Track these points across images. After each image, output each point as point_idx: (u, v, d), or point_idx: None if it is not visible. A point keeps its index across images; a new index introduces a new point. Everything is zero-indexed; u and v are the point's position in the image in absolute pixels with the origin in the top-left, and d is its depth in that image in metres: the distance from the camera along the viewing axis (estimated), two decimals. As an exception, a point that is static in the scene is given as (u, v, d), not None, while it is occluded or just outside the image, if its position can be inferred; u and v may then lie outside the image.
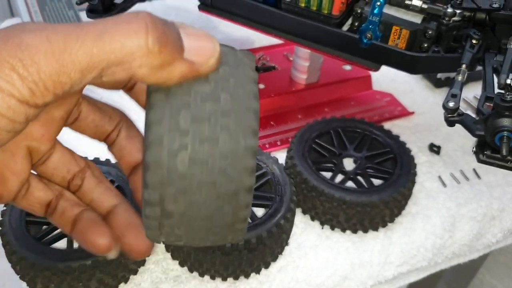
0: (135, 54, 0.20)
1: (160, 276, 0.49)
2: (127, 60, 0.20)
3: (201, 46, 0.22)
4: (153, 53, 0.20)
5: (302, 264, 0.52)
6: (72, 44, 0.19)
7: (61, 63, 0.19)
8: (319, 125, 0.61)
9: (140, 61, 0.20)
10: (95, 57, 0.20)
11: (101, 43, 0.20)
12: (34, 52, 0.19)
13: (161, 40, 0.20)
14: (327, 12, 0.55)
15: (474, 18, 0.52)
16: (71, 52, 0.19)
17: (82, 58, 0.19)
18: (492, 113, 0.42)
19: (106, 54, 0.20)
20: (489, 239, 0.62)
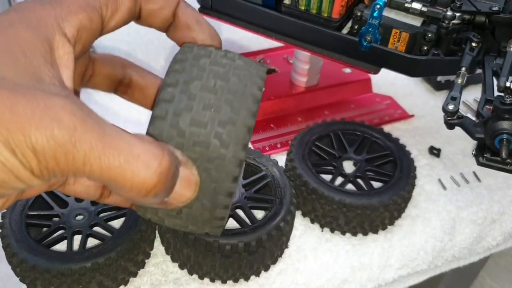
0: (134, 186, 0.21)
1: (159, 278, 0.49)
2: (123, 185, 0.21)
3: (183, 193, 0.24)
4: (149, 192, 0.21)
5: (302, 267, 0.52)
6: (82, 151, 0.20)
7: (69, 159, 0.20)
8: (319, 128, 0.61)
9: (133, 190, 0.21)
10: (103, 172, 0.20)
11: (110, 160, 0.20)
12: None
13: (163, 187, 0.22)
14: (326, 15, 0.55)
15: (473, 21, 0.52)
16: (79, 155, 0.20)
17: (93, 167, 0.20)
18: (491, 116, 0.42)
19: (109, 172, 0.20)
20: (489, 242, 0.62)
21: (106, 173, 0.20)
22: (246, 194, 0.52)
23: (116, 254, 0.45)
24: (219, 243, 0.46)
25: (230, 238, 0.46)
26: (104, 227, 0.49)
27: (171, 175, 0.22)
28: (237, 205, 0.51)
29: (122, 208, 0.50)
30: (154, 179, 0.20)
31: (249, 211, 0.51)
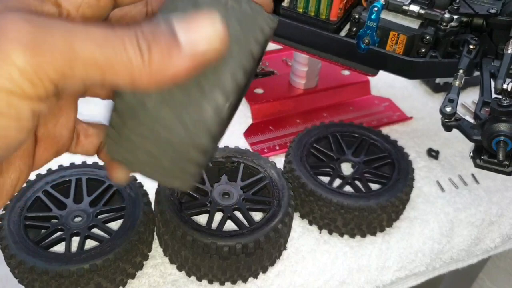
0: (127, 66, 0.19)
1: (158, 280, 0.49)
2: (123, 71, 0.19)
3: (200, 31, 0.20)
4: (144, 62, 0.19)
5: (300, 269, 0.52)
6: (79, 42, 0.18)
7: (68, 56, 0.18)
8: (317, 130, 0.61)
9: (133, 72, 0.19)
10: (99, 62, 0.18)
11: (105, 50, 0.18)
12: (40, 43, 0.17)
13: (149, 45, 0.19)
14: (325, 17, 0.55)
15: (471, 23, 0.52)
16: (78, 50, 0.18)
17: (87, 58, 0.18)
18: (489, 118, 0.42)
19: (107, 62, 0.18)
20: (487, 244, 0.62)
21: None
22: (244, 196, 0.52)
23: (114, 256, 0.45)
24: (217, 244, 0.46)
25: (228, 240, 0.46)
26: (102, 229, 0.49)
27: (148, 27, 0.19)
28: (235, 207, 0.51)
29: (120, 210, 0.50)
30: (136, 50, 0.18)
31: (247, 213, 0.51)
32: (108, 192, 0.52)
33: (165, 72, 0.19)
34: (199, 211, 0.51)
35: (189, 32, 0.19)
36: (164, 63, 0.19)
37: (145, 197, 0.51)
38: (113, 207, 0.51)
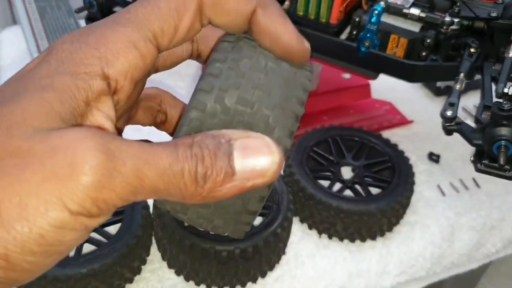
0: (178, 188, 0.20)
1: (156, 285, 0.49)
2: (177, 194, 0.20)
3: (257, 163, 0.20)
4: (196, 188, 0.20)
5: (299, 274, 0.52)
6: (147, 172, 0.19)
7: (135, 188, 0.19)
8: (317, 133, 0.61)
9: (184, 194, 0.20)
10: (159, 189, 0.19)
11: (167, 178, 0.19)
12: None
13: (206, 175, 0.20)
14: (325, 20, 0.55)
15: (472, 27, 0.52)
16: (145, 180, 0.19)
17: (150, 186, 0.19)
18: (490, 122, 0.42)
19: (166, 188, 0.19)
20: (488, 249, 0.61)
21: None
22: (243, 200, 0.52)
23: (112, 260, 0.45)
24: (215, 249, 0.45)
25: (226, 244, 0.46)
26: (100, 233, 0.49)
27: (209, 154, 0.20)
28: (234, 211, 0.51)
29: (118, 214, 0.50)
30: (194, 177, 0.19)
31: (246, 217, 0.50)
32: (106, 196, 0.51)
33: (213, 195, 0.20)
34: (198, 215, 0.51)
35: (247, 164, 0.20)
36: (215, 189, 0.20)
37: (143, 201, 0.51)
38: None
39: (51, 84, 0.19)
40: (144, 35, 0.21)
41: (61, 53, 0.20)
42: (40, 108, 0.18)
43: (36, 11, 0.78)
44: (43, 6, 0.79)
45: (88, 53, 0.20)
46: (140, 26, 0.21)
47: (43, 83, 0.19)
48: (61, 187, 0.17)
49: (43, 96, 0.19)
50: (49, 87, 0.19)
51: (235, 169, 0.20)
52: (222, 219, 0.25)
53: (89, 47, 0.20)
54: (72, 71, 0.20)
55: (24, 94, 0.19)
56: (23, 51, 0.78)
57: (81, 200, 0.18)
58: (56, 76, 0.19)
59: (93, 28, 0.21)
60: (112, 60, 0.20)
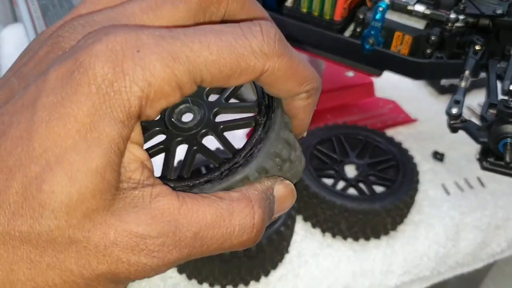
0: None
1: (158, 283, 0.49)
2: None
3: (284, 208, 0.23)
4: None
5: (303, 273, 0.51)
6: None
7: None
8: (321, 132, 0.61)
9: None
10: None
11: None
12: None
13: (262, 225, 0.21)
14: (329, 17, 0.55)
15: (477, 24, 0.52)
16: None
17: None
18: (495, 120, 0.42)
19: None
20: (493, 248, 0.61)
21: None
22: (246, 198, 0.52)
23: (114, 258, 0.45)
24: (218, 247, 0.45)
25: (229, 243, 0.45)
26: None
27: (266, 219, 0.21)
28: (237, 209, 0.50)
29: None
30: (252, 237, 0.20)
31: (249, 215, 0.50)
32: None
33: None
34: (201, 213, 0.51)
35: (278, 211, 0.22)
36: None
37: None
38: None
39: (97, 139, 0.16)
40: (193, 79, 0.18)
41: (101, 84, 0.16)
42: (92, 188, 0.16)
43: (39, 8, 0.78)
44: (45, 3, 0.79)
45: (130, 92, 0.17)
46: (194, 69, 0.18)
47: (88, 136, 0.16)
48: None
49: (91, 166, 0.16)
50: (96, 145, 0.16)
51: (273, 213, 0.22)
52: None
53: (134, 84, 0.17)
54: (116, 116, 0.17)
55: (72, 156, 0.16)
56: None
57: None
58: (100, 125, 0.16)
59: (140, 47, 0.17)
60: (153, 102, 0.17)
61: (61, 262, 0.16)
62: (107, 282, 0.17)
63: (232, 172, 0.21)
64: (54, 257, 0.16)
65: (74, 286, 0.17)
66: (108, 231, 0.16)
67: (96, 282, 0.17)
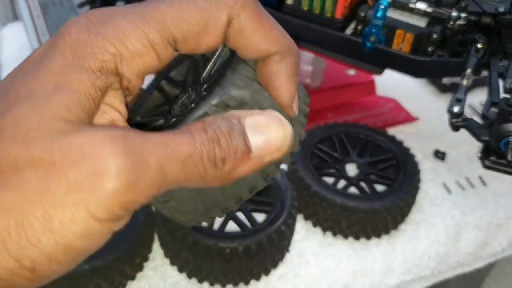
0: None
1: (158, 282, 0.49)
2: (197, 180, 0.20)
3: (271, 137, 0.21)
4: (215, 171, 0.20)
5: (303, 272, 0.51)
6: (169, 166, 0.18)
7: (160, 184, 0.18)
8: (322, 131, 0.60)
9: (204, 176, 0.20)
10: (180, 180, 0.19)
11: (187, 168, 0.19)
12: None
13: (224, 159, 0.20)
14: (330, 15, 0.54)
15: (479, 22, 0.51)
16: (168, 175, 0.18)
17: (173, 180, 0.19)
18: (497, 118, 0.41)
19: (186, 177, 0.19)
20: (494, 247, 0.61)
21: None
22: (246, 197, 0.51)
23: (114, 257, 0.44)
24: (219, 246, 0.45)
25: (230, 242, 0.45)
26: (102, 229, 0.49)
27: (224, 136, 0.20)
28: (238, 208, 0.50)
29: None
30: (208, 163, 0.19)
31: (249, 214, 0.50)
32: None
33: (232, 175, 0.20)
34: (201, 212, 0.51)
35: (261, 139, 0.21)
36: (233, 170, 0.20)
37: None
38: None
39: (68, 83, 0.18)
40: (165, 39, 0.20)
41: (76, 43, 0.19)
42: (57, 111, 0.18)
43: (39, 6, 0.78)
44: (45, 1, 0.79)
45: (103, 48, 0.19)
46: (163, 27, 0.20)
47: (59, 81, 0.18)
48: (87, 197, 0.17)
49: (60, 98, 0.18)
50: (66, 87, 0.18)
51: (251, 147, 0.20)
52: (194, 205, 0.24)
53: (106, 41, 0.19)
54: (88, 67, 0.19)
55: (40, 94, 0.18)
56: (24, 48, 0.78)
57: (108, 207, 0.17)
58: (72, 73, 0.18)
59: (112, 16, 0.19)
60: (128, 60, 0.19)
61: (23, 182, 0.17)
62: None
63: (189, 111, 0.21)
64: (17, 179, 0.17)
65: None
66: (69, 151, 0.17)
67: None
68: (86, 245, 0.18)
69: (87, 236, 0.17)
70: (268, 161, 0.21)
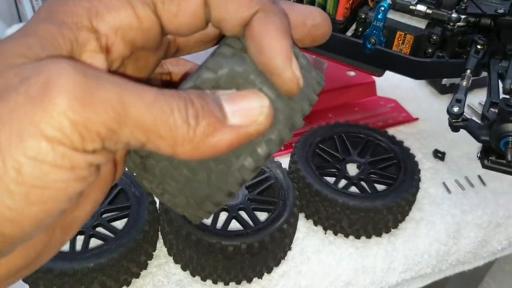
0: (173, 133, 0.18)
1: (162, 280, 0.49)
2: (168, 136, 0.18)
3: (246, 107, 0.20)
4: (191, 129, 0.18)
5: (305, 269, 0.52)
6: (130, 99, 0.17)
7: (118, 112, 0.17)
8: (323, 130, 0.61)
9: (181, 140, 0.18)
10: (146, 122, 0.18)
11: (154, 110, 0.18)
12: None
13: (197, 115, 0.18)
14: (331, 17, 0.55)
15: (479, 23, 0.52)
16: (128, 107, 0.17)
17: (136, 116, 0.17)
18: (497, 119, 0.42)
19: (154, 123, 0.18)
20: (494, 246, 0.61)
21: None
22: (249, 196, 0.52)
23: (118, 255, 0.45)
24: (222, 244, 0.45)
25: (233, 240, 0.46)
26: (107, 228, 0.49)
27: (198, 97, 0.19)
28: (240, 207, 0.51)
29: (125, 209, 0.50)
30: (187, 115, 0.18)
31: (252, 212, 0.51)
32: (113, 191, 0.51)
33: (207, 143, 0.19)
34: (204, 210, 0.51)
35: (236, 108, 0.20)
36: (207, 134, 0.19)
37: (150, 196, 0.51)
38: (118, 206, 0.51)
39: (34, 31, 0.18)
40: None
41: (53, 4, 0.19)
42: (17, 49, 0.18)
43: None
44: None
45: (79, 5, 0.19)
46: None
47: (28, 30, 0.19)
48: (35, 111, 0.16)
49: (24, 40, 0.18)
50: (32, 33, 0.18)
51: (225, 112, 0.19)
52: (185, 198, 0.24)
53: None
54: (60, 20, 0.19)
55: (7, 40, 0.18)
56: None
57: (57, 123, 0.16)
58: (41, 24, 0.19)
59: None
60: (103, 14, 0.19)
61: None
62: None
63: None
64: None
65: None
66: (21, 73, 0.17)
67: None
68: (39, 173, 0.16)
69: (38, 159, 0.16)
70: (247, 135, 0.20)
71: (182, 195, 0.24)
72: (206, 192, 0.23)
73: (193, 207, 0.24)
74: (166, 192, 0.24)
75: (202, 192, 0.23)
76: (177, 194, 0.24)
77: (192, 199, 0.24)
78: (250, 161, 0.22)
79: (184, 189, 0.23)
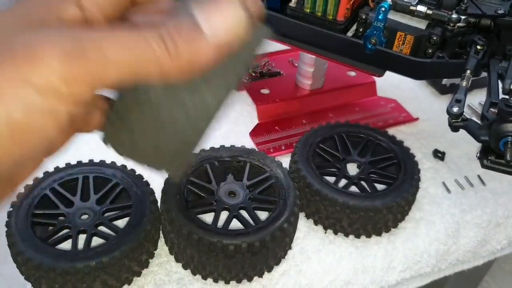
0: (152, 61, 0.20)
1: (163, 278, 0.50)
2: (154, 68, 0.20)
3: (223, 22, 0.20)
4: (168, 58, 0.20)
5: (305, 269, 0.52)
6: (108, 47, 0.19)
7: (100, 61, 0.19)
8: (323, 130, 0.61)
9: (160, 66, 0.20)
10: (129, 62, 0.19)
11: (133, 50, 0.19)
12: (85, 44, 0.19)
13: (174, 40, 0.19)
14: (332, 17, 0.55)
15: (479, 24, 0.52)
16: (108, 54, 0.19)
17: (118, 60, 0.19)
18: (496, 119, 0.42)
19: (137, 61, 0.20)
20: (493, 246, 0.62)
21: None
22: (250, 195, 0.52)
23: (120, 254, 0.45)
24: (223, 243, 0.46)
25: (233, 239, 0.46)
26: (108, 227, 0.49)
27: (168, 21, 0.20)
28: (241, 206, 0.51)
29: (126, 208, 0.50)
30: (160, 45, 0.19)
31: (252, 212, 0.51)
32: (115, 190, 0.52)
33: (194, 63, 0.20)
34: (205, 209, 0.51)
35: (212, 21, 0.20)
36: (191, 55, 0.20)
37: (151, 195, 0.51)
38: (119, 205, 0.51)
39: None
40: None
41: None
42: (9, 18, 0.20)
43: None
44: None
45: None
46: None
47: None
48: (25, 62, 0.18)
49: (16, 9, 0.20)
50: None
51: (202, 29, 0.20)
52: (167, 142, 0.25)
53: None
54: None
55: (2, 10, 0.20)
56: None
57: (45, 72, 0.18)
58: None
59: None
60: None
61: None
62: None
63: None
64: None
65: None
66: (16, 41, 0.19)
67: None
68: (28, 119, 0.18)
69: (29, 108, 0.18)
70: (226, 45, 0.20)
71: (153, 136, 0.25)
72: (182, 125, 0.24)
73: (165, 156, 0.25)
74: (142, 150, 0.25)
75: (178, 128, 0.24)
76: (156, 139, 0.25)
77: (165, 147, 0.25)
78: (223, 90, 0.23)
79: (158, 128, 0.24)
